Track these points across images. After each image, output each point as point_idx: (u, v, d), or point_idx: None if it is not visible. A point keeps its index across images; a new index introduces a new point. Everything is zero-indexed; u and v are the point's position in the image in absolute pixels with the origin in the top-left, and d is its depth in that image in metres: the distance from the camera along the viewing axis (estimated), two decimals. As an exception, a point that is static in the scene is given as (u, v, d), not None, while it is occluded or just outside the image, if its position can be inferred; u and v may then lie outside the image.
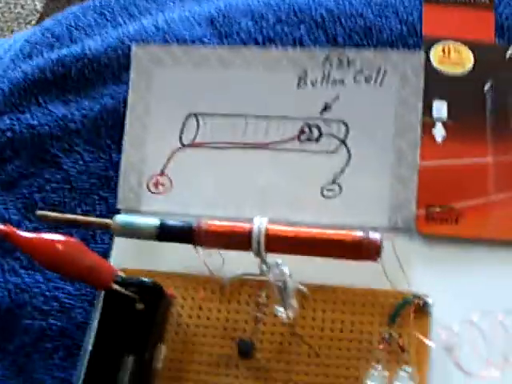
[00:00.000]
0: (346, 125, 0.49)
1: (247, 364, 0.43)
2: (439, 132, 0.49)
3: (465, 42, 0.52)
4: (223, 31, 0.56)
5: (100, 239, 0.49)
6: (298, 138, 0.49)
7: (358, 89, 0.49)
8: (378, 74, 0.49)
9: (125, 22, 0.59)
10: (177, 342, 0.44)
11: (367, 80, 0.49)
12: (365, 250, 0.41)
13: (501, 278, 0.44)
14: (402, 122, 0.48)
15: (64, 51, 0.57)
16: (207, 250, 0.44)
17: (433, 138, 0.49)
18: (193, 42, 0.55)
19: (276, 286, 0.39)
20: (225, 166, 0.49)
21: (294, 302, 0.40)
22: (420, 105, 0.48)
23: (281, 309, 0.40)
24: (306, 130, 0.49)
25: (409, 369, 0.41)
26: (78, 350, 0.46)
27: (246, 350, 0.42)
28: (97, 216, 0.50)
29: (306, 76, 0.50)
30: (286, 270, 0.39)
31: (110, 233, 0.47)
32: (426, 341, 0.41)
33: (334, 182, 0.48)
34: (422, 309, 0.43)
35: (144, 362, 0.41)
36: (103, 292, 0.43)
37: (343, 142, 0.48)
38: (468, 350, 0.38)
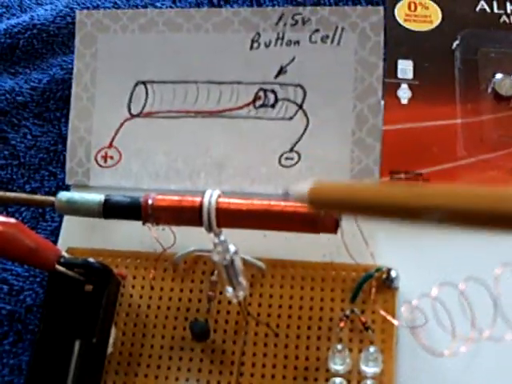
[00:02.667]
0: (302, 88, 0.46)
1: (202, 346, 0.40)
2: (404, 93, 0.47)
3: (431, -3, 0.50)
4: (177, -7, 0.53)
5: (50, 217, 0.48)
6: (253, 104, 0.46)
7: (315, 49, 0.47)
8: (335, 33, 0.46)
9: (77, -12, 0.56)
10: (128, 325, 0.42)
11: (324, 40, 0.46)
12: (322, 222, 0.39)
13: (469, 247, 0.42)
14: (362, 84, 0.45)
15: (12, 21, 0.55)
16: (160, 226, 0.41)
17: (398, 99, 0.47)
18: (145, 6, 0.52)
19: (222, 265, 0.36)
20: (176, 136, 0.47)
21: (243, 281, 0.37)
22: (381, 64, 0.45)
23: (230, 289, 0.37)
24: (261, 95, 0.46)
25: (373, 348, 0.38)
26: (29, 335, 0.44)
27: (199, 332, 0.40)
28: (46, 193, 0.47)
29: (259, 37, 0.47)
30: (231, 246, 0.36)
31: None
32: (390, 318, 0.38)
33: (292, 149, 0.45)
34: (386, 283, 0.40)
35: (92, 346, 0.39)
36: (48, 274, 0.40)
37: (300, 106, 0.46)
38: (433, 327, 0.35)
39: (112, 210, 0.41)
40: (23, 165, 0.50)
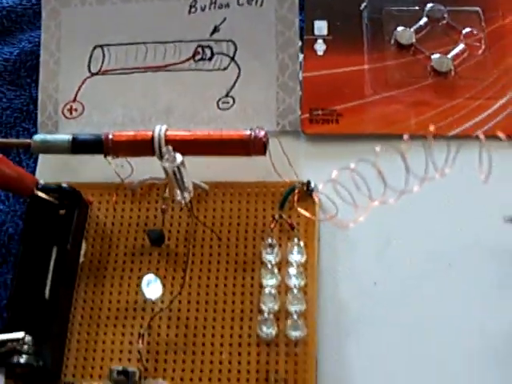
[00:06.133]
0: (234, 43, 0.55)
1: (158, 250, 0.48)
2: (320, 47, 0.56)
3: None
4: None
5: (26, 164, 0.55)
6: (193, 58, 0.55)
7: (242, 10, 0.56)
8: (259, -5, 0.56)
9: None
10: (96, 239, 0.50)
11: (249, 2, 0.56)
12: (252, 146, 0.48)
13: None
14: (282, 38, 0.55)
15: (-16, 5, 0.63)
16: (119, 161, 0.50)
17: (315, 52, 0.56)
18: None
19: (171, 171, 0.45)
20: (130, 89, 0.56)
21: (189, 185, 0.46)
22: (297, 20, 0.55)
23: (178, 192, 0.46)
24: (200, 50, 0.55)
25: (297, 240, 0.47)
26: (11, 258, 0.52)
27: (155, 238, 0.48)
28: (22, 144, 0.55)
29: (195, 3, 0.56)
30: (178, 156, 0.45)
31: (31, 154, 0.52)
32: (309, 215, 0.47)
33: (227, 95, 0.54)
34: (307, 193, 0.49)
35: (67, 252, 0.47)
36: (28, 199, 0.48)
37: (233, 59, 0.55)
38: (341, 207, 0.44)
39: (79, 146, 0.50)
40: (1, 123, 0.58)
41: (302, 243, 0.47)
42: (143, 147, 0.48)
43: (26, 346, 0.44)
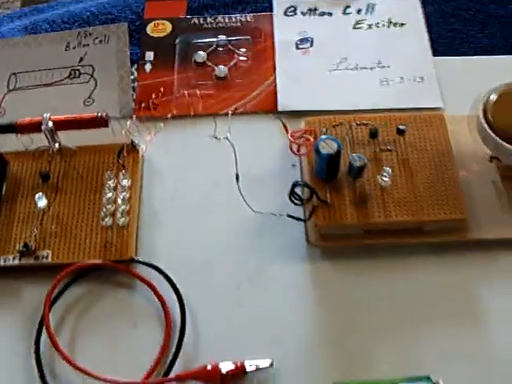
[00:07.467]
0: (93, 67, 0.90)
1: (47, 185, 0.85)
2: (148, 67, 0.94)
3: (167, 19, 0.98)
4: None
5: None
6: (69, 77, 0.93)
7: (96, 47, 0.90)
8: (105, 38, 0.91)
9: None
10: (11, 181, 0.84)
11: (101, 42, 0.92)
12: (99, 121, 0.84)
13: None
14: (121, 62, 0.93)
15: None
16: (26, 138, 0.87)
17: (145, 70, 0.94)
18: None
19: (46, 132, 0.83)
20: (33, 98, 0.83)
21: (58, 139, 0.83)
22: (128, 52, 0.93)
23: (52, 143, 0.84)
24: (72, 72, 0.93)
25: (125, 174, 0.84)
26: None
27: (44, 175, 0.84)
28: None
29: (69, 44, 0.94)
30: (50, 123, 0.83)
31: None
32: (125, 155, 0.85)
33: (89, 97, 0.89)
34: (134, 148, 0.87)
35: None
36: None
37: (92, 76, 0.93)
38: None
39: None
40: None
41: (128, 174, 0.83)
42: (37, 126, 0.85)
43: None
